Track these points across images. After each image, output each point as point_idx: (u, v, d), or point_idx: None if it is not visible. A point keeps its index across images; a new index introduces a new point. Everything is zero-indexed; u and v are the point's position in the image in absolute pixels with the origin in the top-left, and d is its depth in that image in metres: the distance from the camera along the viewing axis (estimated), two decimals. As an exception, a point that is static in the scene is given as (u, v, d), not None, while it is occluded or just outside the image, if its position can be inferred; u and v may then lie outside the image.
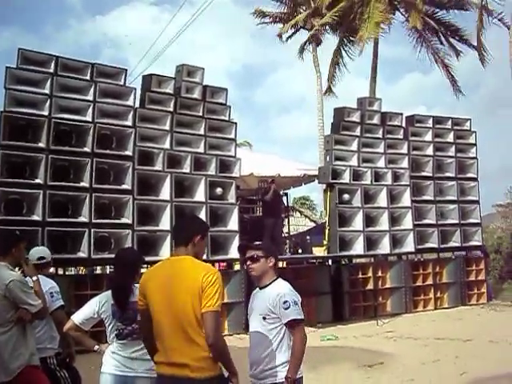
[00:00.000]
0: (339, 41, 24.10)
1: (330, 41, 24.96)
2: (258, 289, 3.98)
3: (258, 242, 4.13)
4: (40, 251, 5.39)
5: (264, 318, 3.79)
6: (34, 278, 4.50)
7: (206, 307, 3.29)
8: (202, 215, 11.20)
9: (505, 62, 22.14)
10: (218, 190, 11.68)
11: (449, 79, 23.77)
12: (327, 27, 24.49)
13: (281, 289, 3.86)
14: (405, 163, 14.37)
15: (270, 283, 3.90)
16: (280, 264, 4.25)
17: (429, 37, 23.43)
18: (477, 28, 22.17)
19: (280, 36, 25.66)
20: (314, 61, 25.69)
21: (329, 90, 24.54)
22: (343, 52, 24.10)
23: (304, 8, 25.56)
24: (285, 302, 3.76)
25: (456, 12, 23.44)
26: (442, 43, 23.53)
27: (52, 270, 8.02)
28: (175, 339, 3.34)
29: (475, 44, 22.82)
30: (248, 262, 3.95)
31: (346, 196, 13.46)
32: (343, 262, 13.70)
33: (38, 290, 4.47)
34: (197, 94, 11.70)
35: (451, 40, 23.48)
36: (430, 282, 14.19)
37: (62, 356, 5.04)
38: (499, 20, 22.15)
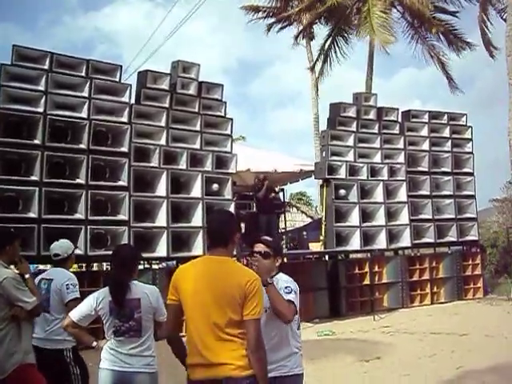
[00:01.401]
0: (333, 34, 23.97)
1: (323, 35, 24.90)
2: None
3: (268, 238, 4.04)
4: (56, 247, 5.34)
5: (265, 311, 3.64)
6: (27, 276, 4.49)
7: (251, 315, 3.27)
8: (199, 211, 11.24)
9: (500, 55, 22.13)
10: (215, 186, 11.68)
11: (444, 75, 23.76)
12: (320, 21, 24.35)
13: (284, 280, 3.83)
14: (401, 158, 14.39)
15: (272, 277, 3.79)
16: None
17: (424, 33, 23.38)
18: (479, 20, 22.10)
19: (268, 30, 25.40)
20: (307, 56, 25.61)
21: (316, 84, 24.50)
22: (336, 46, 24.04)
23: (296, 3, 25.42)
24: (287, 287, 3.74)
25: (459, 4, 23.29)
26: (439, 39, 23.46)
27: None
28: (210, 339, 3.29)
29: (473, 41, 22.85)
30: (255, 256, 3.81)
31: (342, 191, 13.47)
32: (340, 258, 13.72)
33: (32, 287, 4.46)
34: (192, 90, 11.68)
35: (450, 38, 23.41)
36: (426, 276, 14.21)
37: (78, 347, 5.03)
38: (498, 12, 22.11)
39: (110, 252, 4.73)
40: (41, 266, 10.33)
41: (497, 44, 21.92)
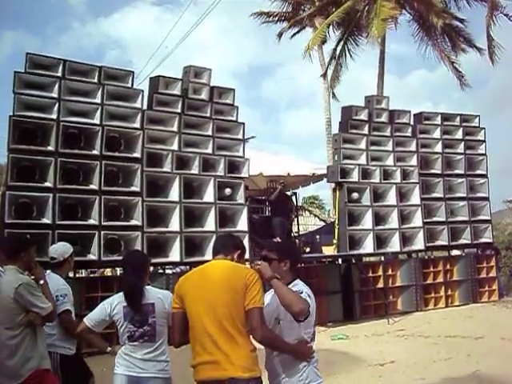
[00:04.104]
0: (344, 40, 23.98)
1: (335, 39, 24.89)
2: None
3: (277, 240, 4.01)
4: (52, 251, 5.27)
5: (278, 322, 3.58)
6: (41, 282, 4.51)
7: (252, 303, 3.34)
8: (211, 216, 11.25)
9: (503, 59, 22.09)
10: (227, 191, 11.68)
11: (455, 75, 23.66)
12: (332, 26, 24.35)
13: (296, 288, 3.61)
14: (413, 161, 14.32)
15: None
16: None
17: (435, 35, 23.30)
18: (486, 22, 22.05)
19: (280, 35, 25.40)
20: (319, 59, 25.60)
21: (332, 93, 24.56)
22: (347, 51, 24.04)
23: (308, 7, 25.43)
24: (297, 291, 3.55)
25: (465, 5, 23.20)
26: (449, 41, 23.38)
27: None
28: (218, 335, 3.35)
29: (480, 45, 22.81)
30: (257, 261, 3.69)
31: (354, 195, 13.43)
32: (353, 261, 13.67)
33: (47, 292, 4.48)
34: (204, 95, 11.71)
35: (455, 39, 23.36)
36: (440, 279, 14.11)
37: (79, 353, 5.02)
38: (505, 15, 22.07)
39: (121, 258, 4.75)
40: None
41: (507, 47, 21.92)
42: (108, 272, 15.72)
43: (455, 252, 15.24)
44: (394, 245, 13.66)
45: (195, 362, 3.46)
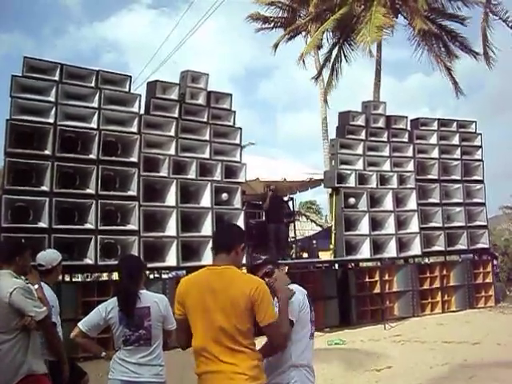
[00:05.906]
0: (340, 45, 24.01)
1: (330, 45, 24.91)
2: None
3: (263, 257, 4.02)
4: (41, 258, 5.09)
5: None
6: (36, 286, 4.48)
7: (268, 319, 3.28)
8: (208, 221, 11.24)
9: (509, 63, 22.21)
10: (224, 196, 11.68)
11: (451, 81, 23.74)
12: (327, 32, 24.39)
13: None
14: (410, 166, 14.35)
15: None
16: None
17: (430, 40, 23.37)
18: (481, 27, 22.15)
19: (276, 46, 25.40)
20: (315, 65, 25.65)
21: (325, 100, 24.60)
22: (343, 56, 24.07)
23: (304, 13, 25.49)
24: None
25: (460, 8, 23.29)
26: (443, 46, 23.47)
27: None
28: (220, 351, 3.29)
29: (476, 49, 22.88)
30: (266, 279, 3.71)
31: (351, 200, 13.44)
32: (350, 266, 13.67)
33: (42, 297, 4.46)
34: (201, 100, 11.73)
35: (450, 44, 23.46)
36: (437, 285, 14.12)
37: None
38: (503, 21, 22.15)
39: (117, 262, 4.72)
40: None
41: (504, 51, 22.01)
42: (104, 276, 15.67)
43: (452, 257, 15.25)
44: (391, 250, 13.67)
45: (200, 371, 3.38)
